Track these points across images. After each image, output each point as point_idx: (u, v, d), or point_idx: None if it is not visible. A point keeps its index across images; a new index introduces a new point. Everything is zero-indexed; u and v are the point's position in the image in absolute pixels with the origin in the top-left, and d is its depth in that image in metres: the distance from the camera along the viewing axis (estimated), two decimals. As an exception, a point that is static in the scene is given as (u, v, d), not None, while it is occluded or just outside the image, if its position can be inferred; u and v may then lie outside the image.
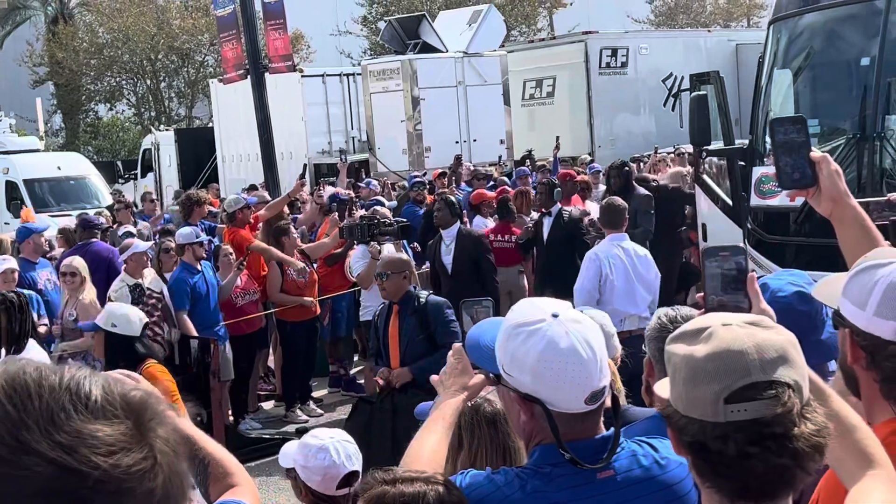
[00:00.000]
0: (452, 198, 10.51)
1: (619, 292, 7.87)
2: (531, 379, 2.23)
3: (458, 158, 18.57)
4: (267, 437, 9.77)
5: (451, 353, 2.63)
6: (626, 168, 11.79)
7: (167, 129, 32.96)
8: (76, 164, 24.47)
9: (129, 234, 11.77)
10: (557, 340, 2.20)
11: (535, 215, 11.42)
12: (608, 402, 2.35)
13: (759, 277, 3.24)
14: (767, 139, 8.70)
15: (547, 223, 10.72)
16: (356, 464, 4.09)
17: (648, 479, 2.29)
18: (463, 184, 15.84)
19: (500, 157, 21.53)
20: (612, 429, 2.32)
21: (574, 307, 6.61)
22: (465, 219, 12.12)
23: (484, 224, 11.70)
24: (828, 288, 2.47)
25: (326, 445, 4.05)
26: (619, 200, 8.64)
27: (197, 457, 2.47)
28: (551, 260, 10.46)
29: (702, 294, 2.33)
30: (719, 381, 1.69)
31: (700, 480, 1.77)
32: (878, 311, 2.21)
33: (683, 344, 1.78)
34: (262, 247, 10.27)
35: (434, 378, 2.67)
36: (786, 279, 3.25)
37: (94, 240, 10.70)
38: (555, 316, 2.24)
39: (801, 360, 1.76)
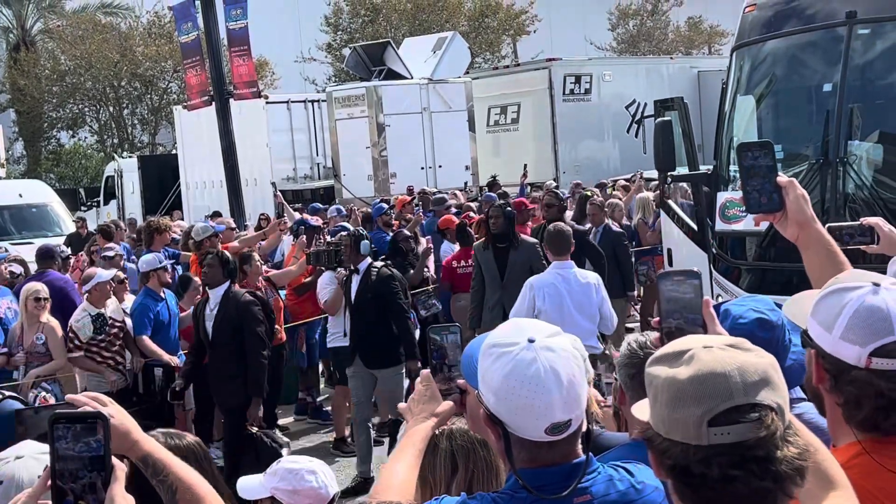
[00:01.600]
0: (228, 254, 8.90)
1: (551, 322, 7.68)
2: (494, 400, 2.22)
3: (410, 190, 18.59)
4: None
5: (418, 379, 2.61)
6: (509, 208, 10.05)
7: (130, 156, 32.78)
8: (38, 192, 24.21)
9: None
10: (523, 367, 2.17)
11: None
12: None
13: (722, 303, 3.26)
14: (733, 164, 8.76)
15: (355, 281, 9.07)
16: (336, 487, 4.05)
17: None
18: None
19: (465, 184, 21.60)
20: (583, 456, 2.29)
21: None
22: (430, 244, 12.11)
23: (451, 249, 11.70)
24: (798, 307, 2.48)
25: (314, 469, 3.99)
26: (564, 227, 8.63)
27: (165, 482, 2.39)
28: (358, 323, 8.94)
29: (657, 319, 2.34)
30: (702, 404, 1.68)
31: None
32: (844, 336, 2.23)
33: (665, 366, 1.76)
34: None
35: (401, 406, 2.65)
36: (748, 305, 3.25)
37: (50, 270, 10.56)
38: (530, 341, 2.21)
39: (782, 382, 1.75)
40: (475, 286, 9.78)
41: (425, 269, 11.37)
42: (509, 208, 9.94)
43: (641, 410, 1.85)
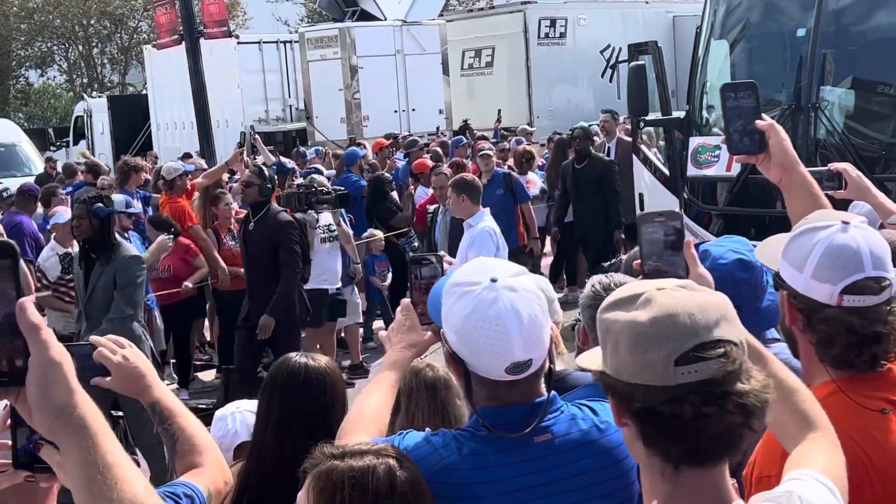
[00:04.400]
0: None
1: None
2: (456, 339, 2.23)
3: (387, 136, 18.46)
4: (203, 406, 9.66)
5: (399, 308, 2.61)
6: (100, 204, 7.00)
7: (100, 96, 32.43)
8: (6, 131, 23.93)
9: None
10: (484, 307, 2.17)
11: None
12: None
13: (700, 243, 3.27)
14: (705, 110, 8.76)
15: None
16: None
17: (587, 443, 2.27)
18: (400, 154, 15.74)
19: (437, 128, 21.50)
20: (545, 395, 2.29)
21: None
22: (413, 188, 12.13)
23: (425, 193, 11.66)
24: (769, 249, 2.48)
25: (226, 415, 3.97)
26: (472, 176, 8.58)
27: (168, 431, 2.45)
28: None
29: (639, 261, 2.32)
30: (667, 345, 1.65)
31: (644, 450, 1.71)
32: (815, 274, 2.25)
33: (621, 311, 1.72)
34: (202, 235, 10.14)
35: (382, 334, 2.66)
36: (727, 246, 3.26)
37: (20, 211, 10.58)
38: (493, 280, 2.20)
39: (737, 318, 1.74)
40: None
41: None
42: (100, 204, 7.08)
43: (590, 359, 1.81)
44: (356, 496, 2.06)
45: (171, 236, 9.53)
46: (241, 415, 3.93)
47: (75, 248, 8.94)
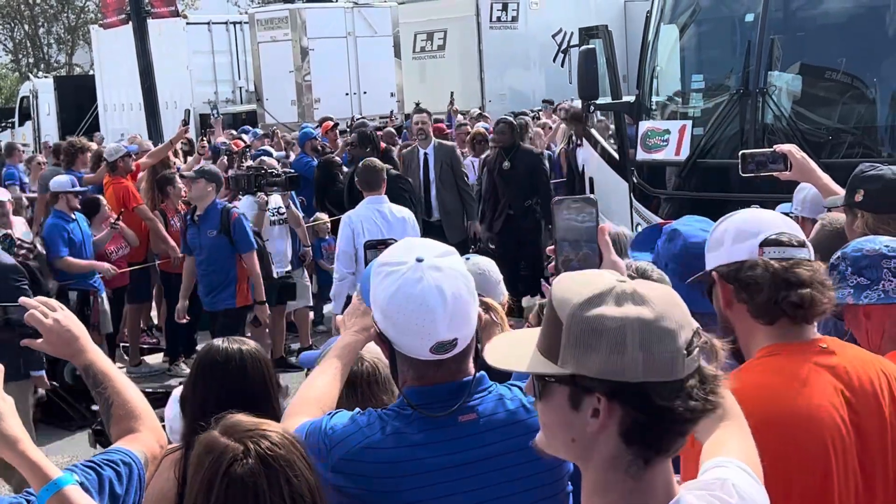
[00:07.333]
0: None
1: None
2: (382, 318, 2.26)
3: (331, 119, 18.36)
4: (149, 390, 9.56)
5: (355, 293, 2.63)
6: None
7: (46, 77, 31.94)
8: (-51, 112, 23.57)
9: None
10: (408, 286, 2.19)
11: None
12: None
13: (663, 225, 3.31)
14: (655, 94, 8.81)
15: None
16: None
17: (513, 423, 2.28)
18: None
19: (391, 112, 21.43)
20: (473, 375, 2.31)
21: (336, 272, 6.36)
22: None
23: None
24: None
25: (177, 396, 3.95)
26: (376, 161, 8.29)
27: (102, 395, 2.47)
28: None
29: (552, 247, 2.30)
30: (679, 336, 1.60)
31: (619, 447, 1.61)
32: (735, 241, 2.42)
33: (611, 307, 1.59)
34: (149, 215, 10.03)
35: (338, 318, 2.68)
36: (695, 226, 3.33)
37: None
38: (419, 260, 2.22)
39: None
40: None
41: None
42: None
43: (514, 360, 1.70)
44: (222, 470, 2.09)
45: (117, 221, 9.44)
46: None
47: (16, 229, 8.81)
